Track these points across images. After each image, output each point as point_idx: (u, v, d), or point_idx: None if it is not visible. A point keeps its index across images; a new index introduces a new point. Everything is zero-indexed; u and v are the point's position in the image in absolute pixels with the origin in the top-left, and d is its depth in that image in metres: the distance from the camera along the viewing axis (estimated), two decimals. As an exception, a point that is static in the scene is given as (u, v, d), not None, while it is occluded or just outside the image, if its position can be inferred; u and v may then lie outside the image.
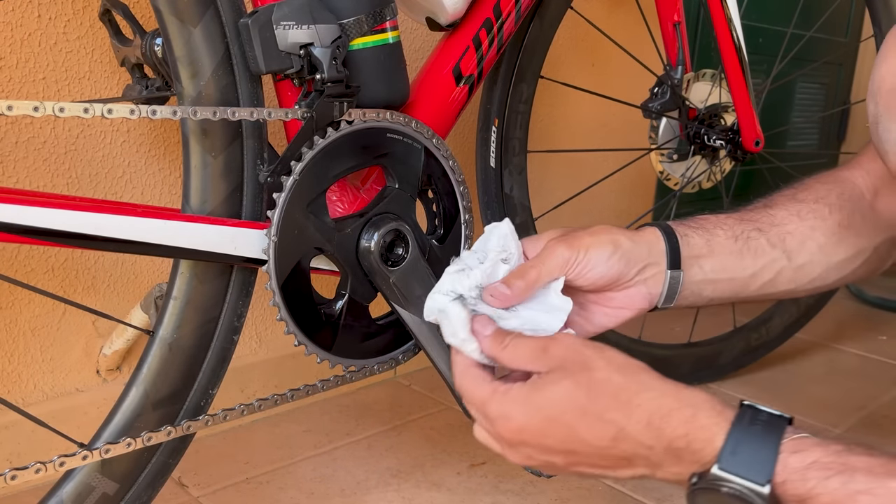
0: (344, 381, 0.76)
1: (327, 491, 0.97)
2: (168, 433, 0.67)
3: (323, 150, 0.69)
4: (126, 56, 0.78)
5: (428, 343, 0.78)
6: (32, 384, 0.95)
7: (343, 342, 0.74)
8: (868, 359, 1.51)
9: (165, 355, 0.68)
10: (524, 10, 0.87)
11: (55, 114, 0.56)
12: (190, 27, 0.62)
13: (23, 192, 0.60)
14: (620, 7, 1.47)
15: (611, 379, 0.55)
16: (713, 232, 0.74)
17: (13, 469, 0.59)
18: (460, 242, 0.81)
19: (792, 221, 0.76)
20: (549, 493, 0.97)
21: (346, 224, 0.72)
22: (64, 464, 0.62)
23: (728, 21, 1.07)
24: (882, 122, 0.60)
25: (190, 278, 0.67)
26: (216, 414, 0.69)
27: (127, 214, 0.61)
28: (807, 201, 0.78)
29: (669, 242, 0.71)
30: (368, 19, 0.70)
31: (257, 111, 0.65)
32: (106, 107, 0.58)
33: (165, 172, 1.00)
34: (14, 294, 0.91)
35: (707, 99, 1.17)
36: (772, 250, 0.75)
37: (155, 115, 0.61)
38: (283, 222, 0.67)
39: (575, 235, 0.68)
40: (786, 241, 0.76)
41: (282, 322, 0.69)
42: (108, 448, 0.64)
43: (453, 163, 0.79)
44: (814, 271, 0.76)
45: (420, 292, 0.76)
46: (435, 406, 1.21)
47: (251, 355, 1.14)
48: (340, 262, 0.73)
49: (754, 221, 0.76)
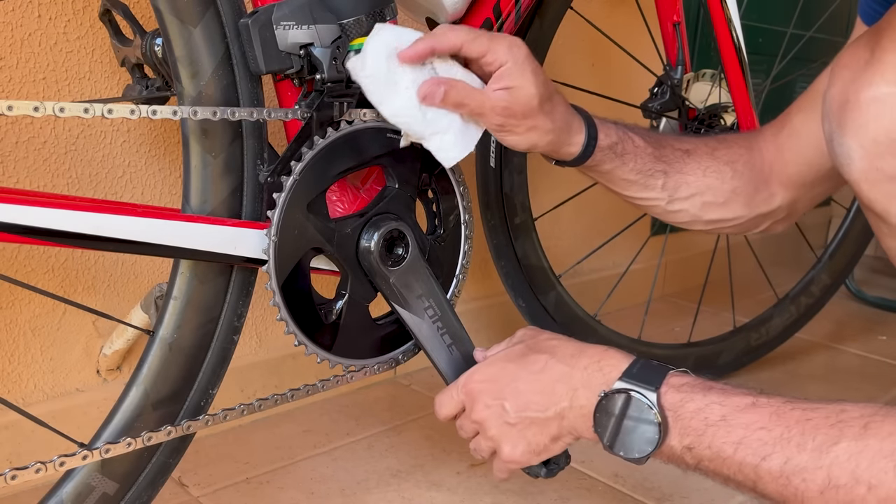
0: (344, 382, 0.76)
1: (327, 491, 0.97)
2: (168, 433, 0.67)
3: (323, 150, 0.69)
4: (126, 56, 0.78)
5: (428, 342, 0.78)
6: (32, 384, 0.95)
7: (343, 342, 0.74)
8: (868, 359, 1.51)
9: (166, 355, 0.67)
10: (524, 11, 0.87)
11: (55, 114, 0.56)
12: (190, 27, 0.62)
13: (23, 192, 0.60)
14: (620, 7, 1.47)
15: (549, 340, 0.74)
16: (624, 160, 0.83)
17: (13, 469, 0.59)
18: (460, 242, 0.81)
19: (695, 174, 0.86)
20: (550, 492, 0.97)
21: (345, 224, 0.72)
22: (64, 464, 0.62)
23: (728, 21, 1.07)
24: (836, 138, 0.66)
25: (190, 278, 0.67)
26: (216, 414, 0.69)
27: (127, 214, 0.61)
28: (719, 160, 0.87)
29: (589, 132, 0.80)
30: (368, 19, 0.70)
31: (258, 111, 0.65)
32: (106, 107, 0.58)
33: (165, 172, 1.00)
34: (14, 294, 0.91)
35: (707, 99, 1.17)
36: (660, 192, 0.86)
37: (155, 115, 0.61)
38: (284, 222, 0.67)
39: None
40: (679, 188, 0.86)
41: (282, 322, 0.69)
42: (108, 448, 0.64)
43: (464, 189, 0.80)
44: (682, 218, 0.88)
45: (420, 292, 0.76)
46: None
47: (251, 355, 1.14)
48: (340, 263, 0.73)
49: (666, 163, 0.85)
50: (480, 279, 1.40)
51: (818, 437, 0.56)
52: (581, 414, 0.68)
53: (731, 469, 0.60)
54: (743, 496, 0.98)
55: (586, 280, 1.57)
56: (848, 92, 0.65)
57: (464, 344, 0.80)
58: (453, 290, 0.82)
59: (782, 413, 0.59)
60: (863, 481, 0.53)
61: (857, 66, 0.65)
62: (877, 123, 0.63)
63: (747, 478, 0.60)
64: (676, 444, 0.63)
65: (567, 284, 1.21)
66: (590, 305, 1.25)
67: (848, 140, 0.65)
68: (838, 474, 0.54)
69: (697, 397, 0.63)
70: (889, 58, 0.62)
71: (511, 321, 1.15)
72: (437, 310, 0.78)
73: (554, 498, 0.96)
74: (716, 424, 0.61)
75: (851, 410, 0.57)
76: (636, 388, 0.64)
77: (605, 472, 1.02)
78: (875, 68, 0.63)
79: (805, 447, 0.56)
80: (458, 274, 0.82)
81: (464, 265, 0.82)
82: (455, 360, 0.79)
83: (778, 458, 0.57)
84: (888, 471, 0.53)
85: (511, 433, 0.71)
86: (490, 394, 0.72)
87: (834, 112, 0.67)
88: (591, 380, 0.67)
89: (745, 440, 0.59)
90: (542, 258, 1.16)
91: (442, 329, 0.78)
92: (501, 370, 0.73)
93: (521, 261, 1.13)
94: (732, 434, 0.60)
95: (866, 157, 0.64)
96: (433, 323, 0.77)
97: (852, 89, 0.65)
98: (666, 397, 0.64)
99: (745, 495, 0.65)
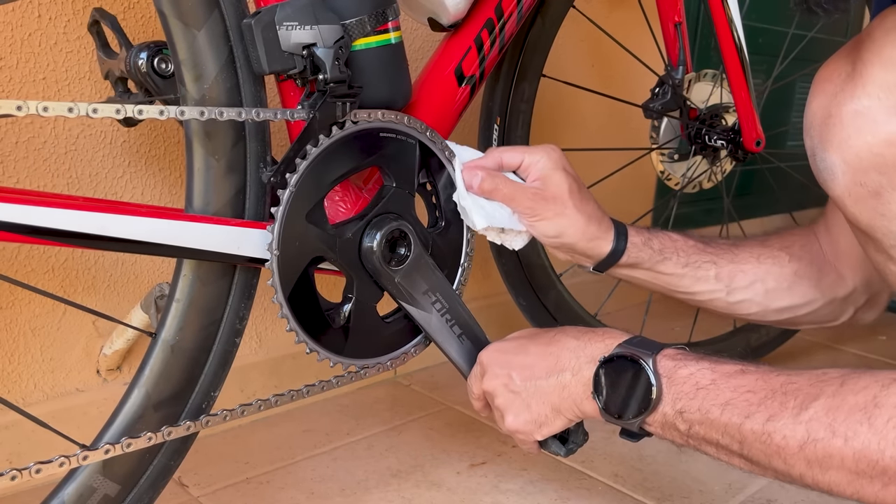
0: (344, 382, 0.76)
1: (327, 491, 0.97)
2: (168, 434, 0.66)
3: (328, 149, 0.68)
4: (110, 69, 0.77)
5: (438, 336, 0.79)
6: (32, 384, 0.95)
7: (354, 344, 0.75)
8: (868, 359, 1.51)
9: (167, 357, 0.67)
10: (526, 10, 0.87)
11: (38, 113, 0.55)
12: (194, 30, 0.62)
13: (24, 192, 0.60)
14: (622, 7, 1.46)
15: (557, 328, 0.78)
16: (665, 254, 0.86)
17: (13, 469, 0.58)
18: (463, 231, 0.81)
19: (749, 262, 0.86)
20: (550, 492, 0.97)
21: (346, 229, 0.72)
22: (64, 464, 0.61)
23: (729, 21, 1.07)
24: (818, 153, 0.66)
25: (192, 280, 0.67)
26: (216, 414, 0.69)
27: (132, 215, 0.61)
28: (772, 247, 0.87)
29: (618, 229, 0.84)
30: (371, 20, 0.70)
31: (263, 112, 0.65)
32: (91, 106, 0.57)
33: (166, 172, 1.00)
34: (14, 294, 0.91)
35: (708, 99, 1.17)
36: (715, 283, 0.86)
37: (161, 116, 0.60)
38: (287, 222, 0.67)
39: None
40: (735, 278, 0.86)
41: (282, 320, 0.69)
42: (108, 448, 0.63)
43: None
44: (750, 309, 0.88)
45: (426, 287, 0.76)
46: (435, 406, 1.21)
47: (251, 355, 1.14)
48: (344, 267, 0.73)
49: (713, 255, 0.87)
50: (481, 278, 1.40)
51: (799, 396, 0.58)
52: (581, 381, 0.71)
53: (719, 431, 0.62)
54: (743, 496, 0.98)
55: (587, 279, 1.56)
56: (830, 106, 0.64)
57: (474, 332, 0.81)
58: (459, 278, 0.82)
59: (768, 378, 0.62)
60: (839, 433, 0.55)
61: (839, 79, 0.64)
62: (859, 138, 0.62)
63: (733, 440, 0.61)
64: (669, 410, 0.66)
65: (568, 284, 1.21)
66: (590, 305, 1.25)
67: (830, 156, 0.64)
68: (816, 428, 0.56)
69: (690, 364, 0.66)
70: (871, 71, 0.61)
71: (511, 320, 1.15)
72: (444, 303, 0.78)
73: (554, 498, 0.96)
74: (706, 388, 0.64)
75: (832, 372, 0.59)
76: (634, 352, 0.68)
77: (605, 472, 1.02)
78: (856, 81, 0.62)
79: (787, 405, 0.59)
80: (463, 262, 0.82)
81: (468, 253, 0.82)
82: (467, 349, 0.81)
83: (760, 416, 0.59)
84: (862, 422, 0.54)
85: (515, 402, 0.74)
86: (500, 364, 0.76)
87: (816, 127, 0.66)
88: (595, 351, 0.71)
89: (731, 402, 0.62)
90: (542, 257, 1.16)
91: (451, 321, 0.79)
92: (514, 342, 0.78)
93: (522, 259, 1.13)
94: (720, 396, 0.63)
95: (849, 173, 0.63)
96: (441, 316, 0.78)
97: (834, 103, 0.64)
98: (661, 363, 0.67)
99: (745, 493, 0.66)
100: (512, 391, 0.74)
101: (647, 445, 1.08)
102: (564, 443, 0.79)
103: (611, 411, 0.69)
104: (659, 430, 0.67)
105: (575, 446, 0.79)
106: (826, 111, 0.65)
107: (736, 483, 1.01)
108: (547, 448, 0.79)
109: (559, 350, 0.73)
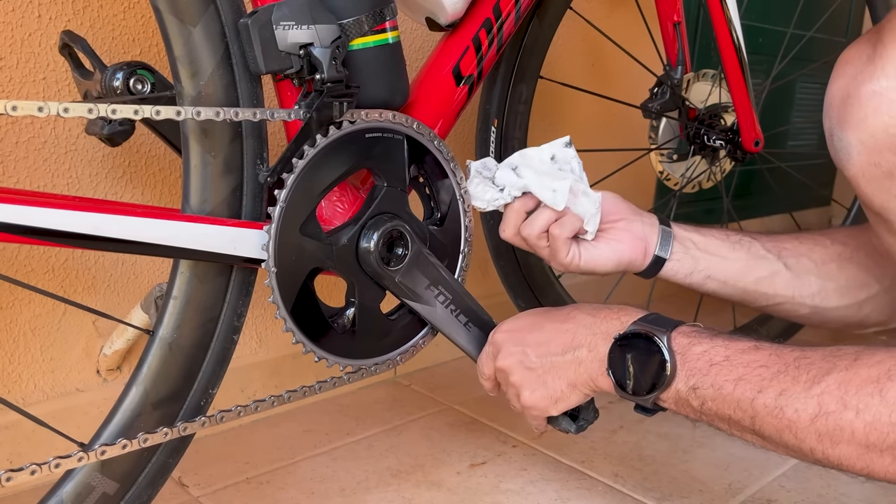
0: (343, 382, 0.76)
1: (327, 491, 0.97)
2: (166, 434, 0.67)
3: (324, 149, 0.69)
4: (88, 89, 0.77)
5: (445, 327, 0.80)
6: (32, 384, 0.95)
7: (362, 345, 0.75)
8: (868, 359, 1.51)
9: (165, 355, 0.67)
10: (524, 11, 0.87)
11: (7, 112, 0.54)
12: (189, 27, 0.62)
13: (23, 192, 0.60)
14: (620, 7, 1.47)
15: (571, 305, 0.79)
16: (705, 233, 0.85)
17: (8, 470, 0.58)
18: (460, 219, 0.81)
19: (789, 241, 0.86)
20: (550, 492, 0.97)
21: (341, 235, 0.73)
22: (59, 465, 0.61)
23: (728, 21, 1.07)
24: (835, 132, 0.67)
25: (190, 278, 0.67)
26: (214, 415, 0.69)
27: (127, 215, 0.61)
28: (810, 234, 0.86)
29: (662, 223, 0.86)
30: (368, 19, 0.70)
31: (260, 111, 0.65)
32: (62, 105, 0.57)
33: (165, 172, 1.00)
34: (14, 294, 0.91)
35: (707, 99, 1.17)
36: (767, 254, 0.85)
37: (158, 116, 0.60)
38: (284, 223, 0.67)
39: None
40: (782, 253, 0.85)
41: (280, 321, 0.69)
42: (104, 449, 0.63)
43: (454, 165, 0.80)
44: (812, 285, 0.86)
45: (428, 282, 0.77)
46: (435, 406, 1.21)
47: (251, 355, 1.14)
48: (344, 274, 0.73)
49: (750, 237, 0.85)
50: (479, 279, 1.40)
51: (812, 370, 0.59)
52: (597, 357, 0.71)
53: (731, 406, 0.63)
54: (743, 496, 0.98)
55: (586, 280, 1.57)
56: (849, 87, 0.65)
57: (481, 319, 0.82)
58: (461, 265, 0.82)
59: (782, 354, 0.62)
60: (851, 406, 0.55)
61: (860, 61, 0.65)
62: (876, 118, 0.63)
63: (745, 414, 0.62)
64: (682, 387, 0.66)
65: (567, 284, 1.21)
66: (590, 305, 1.25)
67: (847, 135, 0.65)
68: (828, 401, 0.56)
69: (704, 341, 0.67)
70: (890, 53, 0.62)
71: (511, 321, 1.15)
72: (447, 294, 0.78)
73: (554, 498, 0.96)
74: (719, 364, 0.64)
75: (846, 348, 0.60)
76: (649, 329, 0.68)
77: (605, 472, 1.02)
78: (875, 63, 0.63)
79: (799, 380, 0.59)
80: (464, 248, 0.82)
81: (467, 239, 0.82)
82: (475, 336, 0.82)
83: (773, 391, 0.60)
84: (874, 394, 0.54)
85: (531, 378, 0.75)
86: (514, 341, 0.77)
87: (835, 108, 0.67)
88: (610, 328, 0.72)
89: (744, 377, 0.62)
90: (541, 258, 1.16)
91: (456, 311, 0.80)
92: (527, 320, 0.79)
93: (521, 260, 1.14)
94: (734, 372, 0.63)
95: (864, 153, 0.64)
96: (446, 307, 0.79)
97: (853, 84, 0.65)
98: (676, 340, 0.67)
99: (745, 493, 0.66)
100: (527, 367, 0.75)
101: (647, 445, 1.08)
102: (575, 420, 0.79)
103: (625, 387, 0.69)
104: (672, 406, 0.68)
105: (586, 423, 0.80)
106: (845, 92, 0.65)
107: (736, 483, 1.01)
108: (557, 425, 0.80)
109: (575, 326, 0.74)
